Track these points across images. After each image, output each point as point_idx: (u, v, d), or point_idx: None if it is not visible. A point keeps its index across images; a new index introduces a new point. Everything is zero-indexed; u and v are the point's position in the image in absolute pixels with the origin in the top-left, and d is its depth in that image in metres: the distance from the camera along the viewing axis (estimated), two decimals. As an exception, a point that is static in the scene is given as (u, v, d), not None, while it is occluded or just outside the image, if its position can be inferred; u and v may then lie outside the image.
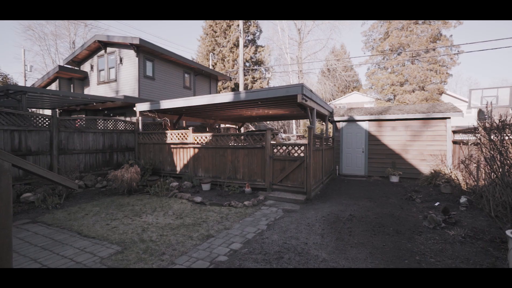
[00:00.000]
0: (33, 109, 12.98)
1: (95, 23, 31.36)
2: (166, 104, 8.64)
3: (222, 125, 17.85)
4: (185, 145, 8.16)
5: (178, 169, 8.35)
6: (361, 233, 4.07)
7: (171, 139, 8.46)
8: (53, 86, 13.09)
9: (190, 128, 8.08)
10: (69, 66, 12.90)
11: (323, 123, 11.27)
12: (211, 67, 27.72)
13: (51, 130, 6.82)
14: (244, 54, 27.83)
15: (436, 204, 5.64)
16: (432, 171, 7.98)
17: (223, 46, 28.55)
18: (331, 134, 11.64)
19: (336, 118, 10.04)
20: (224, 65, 28.53)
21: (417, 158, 8.87)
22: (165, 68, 12.48)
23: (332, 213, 5.08)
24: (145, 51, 11.20)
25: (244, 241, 3.80)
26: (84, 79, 12.92)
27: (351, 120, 9.83)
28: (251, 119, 14.94)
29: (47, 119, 6.74)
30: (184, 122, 12.51)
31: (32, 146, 6.51)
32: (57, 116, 6.93)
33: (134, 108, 9.30)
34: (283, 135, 18.47)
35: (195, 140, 8.00)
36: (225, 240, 3.83)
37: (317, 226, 4.38)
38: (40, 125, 6.66)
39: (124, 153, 8.87)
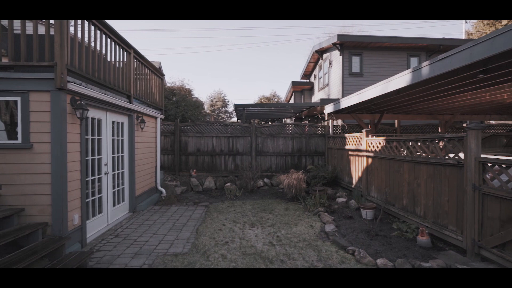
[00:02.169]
0: (284, 119, 17.03)
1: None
2: (344, 102, 7.29)
3: (493, 121, 11.48)
4: (359, 152, 6.35)
5: (354, 182, 6.69)
6: None
7: (348, 144, 6.98)
8: (292, 99, 16.27)
9: (364, 130, 6.12)
10: (301, 80, 15.26)
11: None
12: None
13: (251, 136, 8.60)
14: None
15: None
16: None
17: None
18: None
19: None
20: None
21: None
22: (377, 59, 10.42)
23: None
24: (349, 46, 10.15)
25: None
26: (311, 89, 14.60)
27: None
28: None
29: (246, 127, 8.60)
30: (396, 121, 9.67)
31: (239, 148, 8.65)
32: (255, 124, 8.57)
33: (324, 111, 8.87)
34: None
35: (368, 146, 5.94)
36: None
37: None
38: (243, 132, 8.65)
39: (312, 157, 8.80)
